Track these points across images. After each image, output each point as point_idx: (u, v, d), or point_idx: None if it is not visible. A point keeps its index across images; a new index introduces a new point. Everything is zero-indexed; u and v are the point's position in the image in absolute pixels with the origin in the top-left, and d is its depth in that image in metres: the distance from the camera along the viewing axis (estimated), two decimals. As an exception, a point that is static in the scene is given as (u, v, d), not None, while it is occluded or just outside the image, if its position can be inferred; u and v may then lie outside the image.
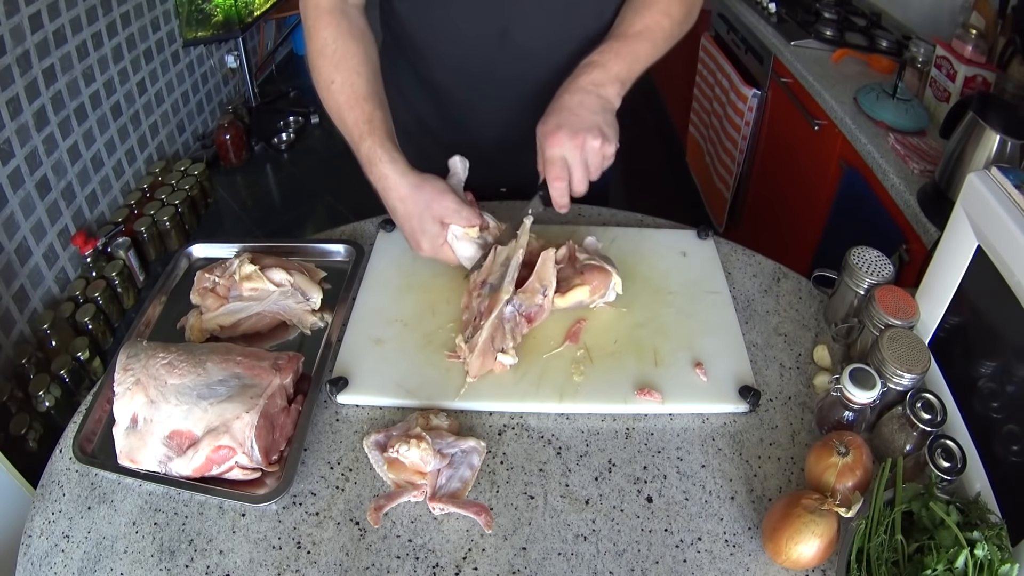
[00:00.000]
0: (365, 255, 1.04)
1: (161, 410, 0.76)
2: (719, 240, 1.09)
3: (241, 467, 0.76)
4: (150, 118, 2.82)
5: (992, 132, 1.17)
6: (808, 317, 0.99)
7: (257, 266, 0.96)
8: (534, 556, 0.72)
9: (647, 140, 3.32)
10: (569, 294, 0.92)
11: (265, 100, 3.55)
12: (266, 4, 3.32)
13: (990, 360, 0.78)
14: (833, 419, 0.80)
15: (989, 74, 1.47)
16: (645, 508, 0.76)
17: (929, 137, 1.50)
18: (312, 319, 0.96)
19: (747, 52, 2.18)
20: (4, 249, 1.99)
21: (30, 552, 0.73)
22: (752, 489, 0.78)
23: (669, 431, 0.84)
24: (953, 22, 1.69)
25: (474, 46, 1.05)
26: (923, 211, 1.28)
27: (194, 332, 0.93)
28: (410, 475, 0.77)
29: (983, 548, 0.63)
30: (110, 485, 0.78)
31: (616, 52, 0.94)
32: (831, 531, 0.68)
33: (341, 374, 0.87)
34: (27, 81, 2.09)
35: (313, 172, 3.22)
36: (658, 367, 0.88)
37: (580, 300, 0.93)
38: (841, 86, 1.70)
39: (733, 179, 2.29)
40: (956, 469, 0.71)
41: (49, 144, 2.21)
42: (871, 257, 0.91)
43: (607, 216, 1.15)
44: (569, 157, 0.89)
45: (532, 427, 0.84)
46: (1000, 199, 0.73)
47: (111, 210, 2.57)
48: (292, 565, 0.71)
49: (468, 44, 1.05)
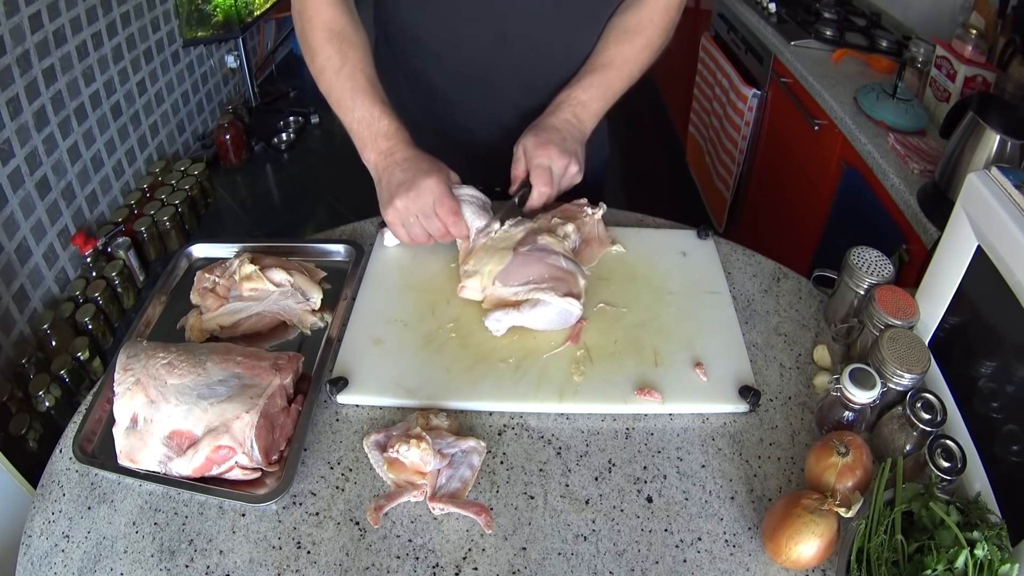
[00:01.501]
0: (365, 255, 1.04)
1: (161, 410, 0.76)
2: (719, 240, 1.10)
3: (241, 467, 0.76)
4: (150, 118, 2.82)
5: (992, 132, 1.17)
6: (808, 317, 0.99)
7: (257, 266, 0.96)
8: (534, 556, 0.72)
9: (647, 140, 3.32)
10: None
11: (265, 100, 3.55)
12: (266, 4, 3.32)
13: (990, 360, 0.78)
14: (833, 419, 0.80)
15: (989, 74, 1.47)
16: (645, 508, 0.76)
17: (929, 137, 1.50)
18: (312, 319, 0.96)
19: (747, 52, 2.18)
20: (4, 249, 1.99)
21: (30, 552, 0.73)
22: (752, 489, 0.78)
23: (669, 431, 0.84)
24: (953, 22, 1.70)
25: (472, 51, 1.06)
26: (923, 211, 1.28)
27: (194, 332, 0.93)
28: (410, 475, 0.77)
29: (983, 548, 0.63)
30: (110, 485, 0.78)
31: (597, 88, 1.03)
32: (831, 531, 0.68)
33: (341, 374, 0.87)
34: (27, 81, 2.09)
35: (313, 172, 3.22)
36: (658, 367, 0.88)
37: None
38: (841, 86, 1.70)
39: (733, 179, 2.29)
40: (956, 469, 0.71)
41: (49, 144, 2.21)
42: (871, 257, 0.91)
43: (607, 216, 1.15)
44: (555, 171, 0.97)
45: (532, 427, 0.84)
46: (1000, 199, 0.73)
47: (111, 210, 2.57)
48: (292, 565, 0.71)
49: (466, 49, 1.06)
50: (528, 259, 0.92)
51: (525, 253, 0.92)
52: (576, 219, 1.01)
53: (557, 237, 0.95)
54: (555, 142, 0.97)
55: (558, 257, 0.92)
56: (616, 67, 1.04)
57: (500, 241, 0.95)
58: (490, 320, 0.89)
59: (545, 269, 0.90)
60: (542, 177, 0.96)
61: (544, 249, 0.92)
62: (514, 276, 0.90)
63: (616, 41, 1.05)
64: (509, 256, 0.92)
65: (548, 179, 0.96)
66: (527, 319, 0.88)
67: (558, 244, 0.94)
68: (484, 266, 0.93)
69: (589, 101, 1.03)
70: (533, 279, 0.89)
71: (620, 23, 1.05)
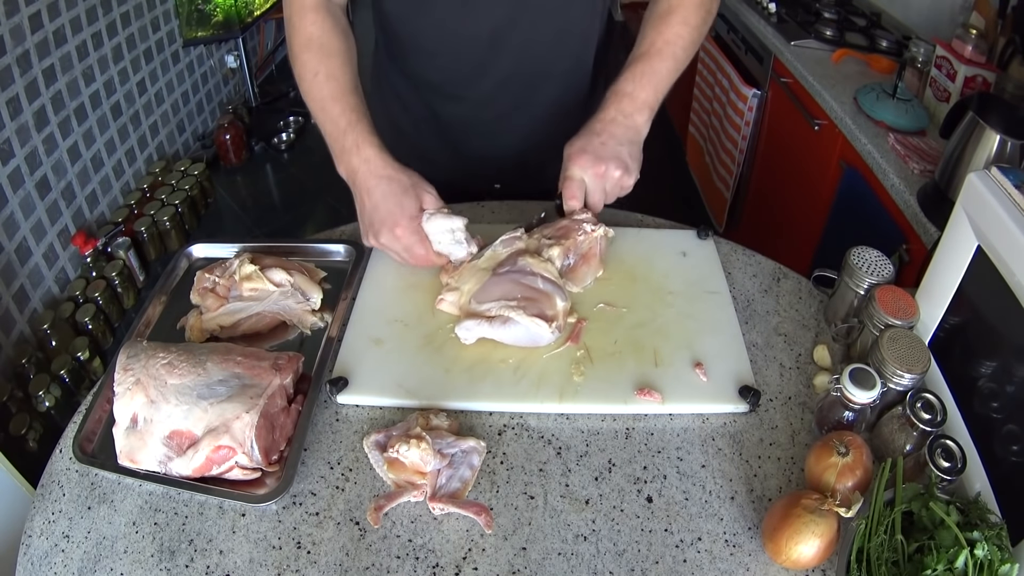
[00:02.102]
0: (365, 255, 1.04)
1: (161, 410, 0.76)
2: (719, 240, 1.10)
3: (241, 467, 0.76)
4: (150, 118, 2.82)
5: (992, 132, 1.17)
6: (808, 317, 0.99)
7: (257, 266, 0.96)
8: (534, 556, 0.72)
9: (647, 140, 3.31)
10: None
11: (265, 100, 3.55)
12: (266, 4, 3.32)
13: (990, 360, 0.78)
14: (833, 419, 0.80)
15: (989, 74, 1.47)
16: (645, 508, 0.76)
17: (929, 137, 1.50)
18: (312, 319, 0.96)
19: (747, 52, 2.18)
20: (4, 249, 1.99)
21: (30, 552, 0.73)
22: (752, 489, 0.78)
23: (669, 431, 0.84)
24: (953, 22, 1.70)
25: (465, 46, 1.06)
26: (923, 211, 1.28)
27: (194, 332, 0.93)
28: (410, 475, 0.77)
29: (983, 548, 0.63)
30: (110, 485, 0.78)
31: (641, 76, 0.97)
32: (831, 531, 0.68)
33: (341, 374, 0.87)
34: (27, 81, 2.09)
35: (313, 172, 3.22)
36: (658, 367, 0.88)
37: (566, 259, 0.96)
38: (841, 86, 1.70)
39: (733, 179, 2.29)
40: (956, 469, 0.71)
41: (49, 144, 2.21)
42: (871, 257, 0.91)
43: (607, 216, 1.15)
44: (588, 180, 0.94)
45: (532, 427, 0.84)
46: (1000, 199, 0.73)
47: (111, 210, 2.57)
48: (292, 565, 0.71)
49: (459, 44, 1.06)
50: (503, 279, 0.92)
51: (502, 274, 0.92)
52: (570, 237, 0.96)
53: (539, 259, 0.94)
54: (590, 149, 0.94)
55: (535, 278, 0.91)
56: (656, 50, 0.99)
57: (484, 262, 0.95)
58: (461, 328, 0.89)
59: (518, 289, 0.90)
60: (569, 189, 0.95)
61: (522, 271, 0.92)
62: (488, 294, 0.91)
63: (653, 27, 1.01)
64: (487, 276, 0.93)
65: (574, 191, 0.94)
66: (496, 333, 0.88)
67: (538, 265, 0.93)
68: (464, 284, 0.94)
69: (635, 91, 0.97)
70: (504, 297, 0.89)
71: (653, 10, 1.03)
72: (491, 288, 0.91)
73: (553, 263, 0.94)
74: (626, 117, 0.96)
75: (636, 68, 0.98)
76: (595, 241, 0.97)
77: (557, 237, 0.97)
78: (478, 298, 0.91)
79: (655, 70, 0.98)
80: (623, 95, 0.97)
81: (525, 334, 0.88)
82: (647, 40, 1.00)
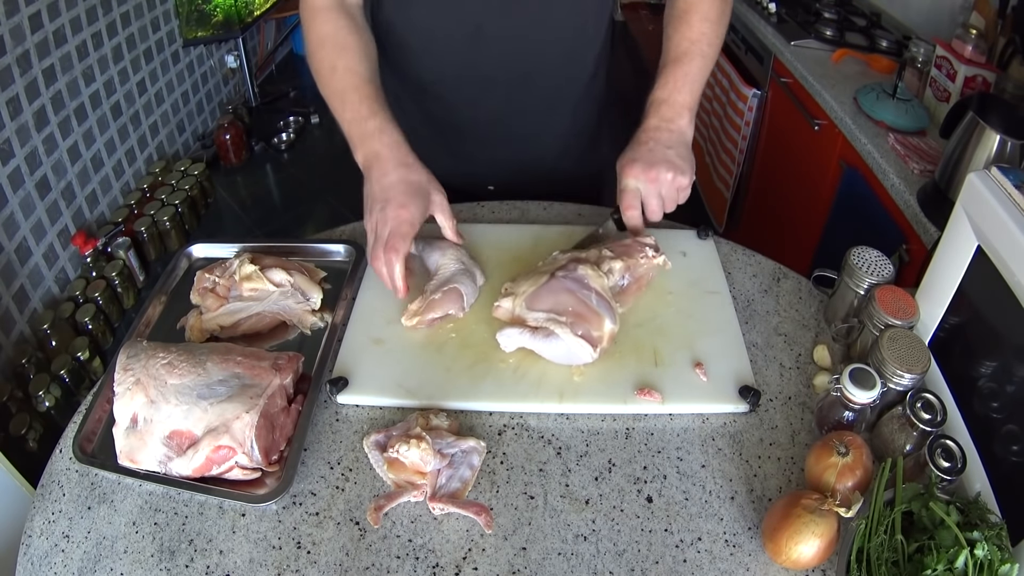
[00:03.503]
0: (365, 255, 1.04)
1: (161, 410, 0.76)
2: (719, 240, 1.10)
3: (241, 467, 0.76)
4: (150, 118, 2.82)
5: (992, 132, 1.17)
6: (808, 317, 0.99)
7: (257, 266, 0.96)
8: (534, 556, 0.72)
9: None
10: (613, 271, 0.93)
11: (265, 100, 3.55)
12: (266, 4, 3.32)
13: (990, 360, 0.78)
14: (833, 419, 0.80)
15: (989, 74, 1.47)
16: (645, 508, 0.76)
17: (929, 137, 1.50)
18: (312, 319, 0.96)
19: (747, 52, 2.18)
20: (4, 249, 1.99)
21: (30, 552, 0.73)
22: (752, 489, 0.78)
23: (669, 431, 0.84)
24: (953, 22, 1.69)
25: (450, 44, 1.06)
26: (923, 211, 1.28)
27: (194, 332, 0.93)
28: (410, 475, 0.77)
29: (983, 548, 0.63)
30: (110, 485, 0.78)
31: (674, 80, 0.99)
32: (831, 531, 0.68)
33: (341, 374, 0.87)
34: (27, 81, 2.09)
35: (313, 172, 3.22)
36: (658, 367, 0.88)
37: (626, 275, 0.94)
38: (841, 86, 1.70)
39: (733, 179, 2.29)
40: (956, 469, 0.71)
41: (49, 144, 2.21)
42: (871, 257, 0.91)
43: (608, 216, 1.15)
44: (642, 188, 0.95)
45: (532, 427, 0.84)
46: (1000, 199, 0.73)
47: (111, 210, 2.57)
48: (292, 565, 0.71)
49: (444, 43, 1.06)
50: (559, 286, 0.88)
51: (559, 279, 0.89)
52: (633, 256, 0.94)
53: (598, 271, 0.91)
54: (639, 157, 0.95)
55: (590, 293, 0.88)
56: (684, 52, 1.00)
57: (546, 265, 0.94)
58: (502, 335, 0.87)
59: (571, 302, 0.87)
60: (625, 199, 0.96)
61: (578, 280, 0.89)
62: (541, 301, 0.88)
63: (675, 29, 1.02)
64: (544, 279, 0.90)
65: (630, 200, 0.95)
66: (537, 345, 0.86)
67: (595, 279, 0.90)
68: (520, 287, 0.90)
69: (671, 96, 0.98)
70: (555, 309, 0.87)
71: (671, 11, 1.04)
72: (544, 295, 0.88)
73: (612, 277, 0.92)
74: (668, 123, 0.98)
75: (668, 74, 1.00)
76: (653, 268, 0.96)
77: (619, 254, 0.94)
78: (530, 303, 0.88)
79: (686, 72, 0.99)
80: (660, 102, 0.98)
81: (566, 351, 0.85)
82: (672, 43, 1.02)
